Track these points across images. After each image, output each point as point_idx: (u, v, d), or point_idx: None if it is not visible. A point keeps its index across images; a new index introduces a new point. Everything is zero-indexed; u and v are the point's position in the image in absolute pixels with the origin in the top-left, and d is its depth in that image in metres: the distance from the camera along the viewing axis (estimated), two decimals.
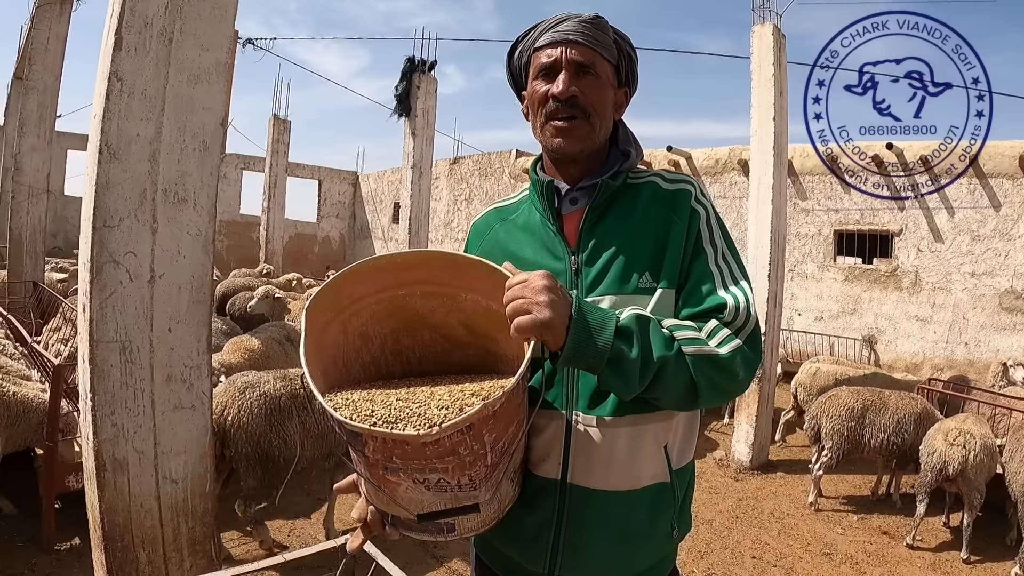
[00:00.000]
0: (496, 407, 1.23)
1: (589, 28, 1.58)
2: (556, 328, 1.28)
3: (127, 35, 2.85)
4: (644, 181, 1.66)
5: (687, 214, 1.57)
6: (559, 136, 1.58)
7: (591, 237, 1.59)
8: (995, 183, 12.08)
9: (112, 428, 2.81)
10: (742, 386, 1.49)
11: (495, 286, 1.38)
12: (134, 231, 2.82)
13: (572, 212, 1.65)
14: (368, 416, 1.25)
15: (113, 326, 2.78)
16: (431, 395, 1.33)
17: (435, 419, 1.21)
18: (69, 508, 4.65)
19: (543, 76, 1.60)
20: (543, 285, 1.29)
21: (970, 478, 5.63)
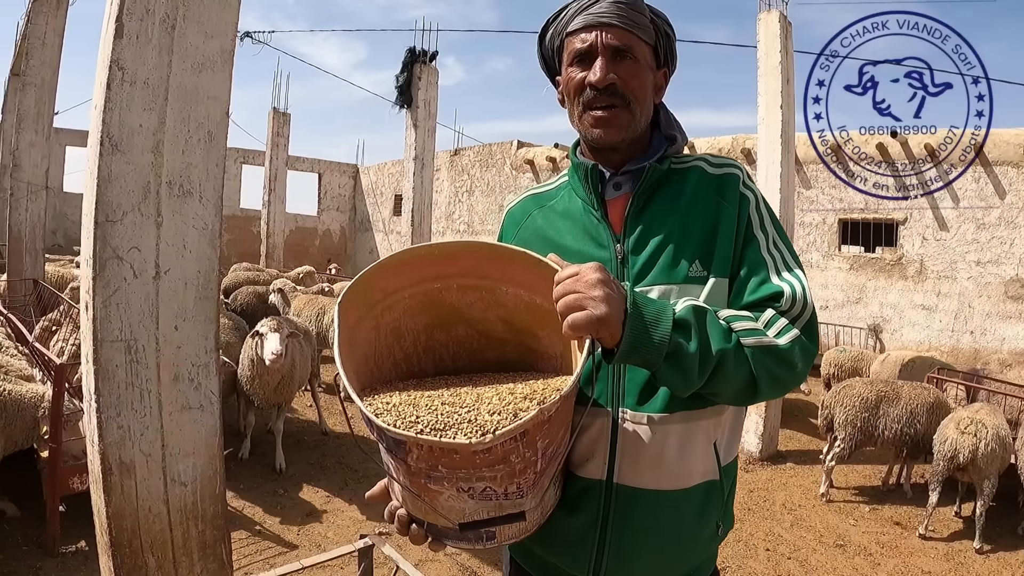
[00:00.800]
0: (552, 412, 1.15)
1: (624, 9, 1.49)
2: (613, 324, 1.21)
3: (128, 22, 2.75)
4: (689, 165, 1.58)
5: (736, 199, 1.50)
6: (598, 126, 1.51)
7: (637, 223, 1.52)
8: (1000, 171, 12.00)
9: (118, 430, 2.72)
10: (800, 378, 1.42)
11: (540, 279, 1.32)
12: (138, 225, 2.72)
13: (616, 198, 1.57)
14: (413, 423, 1.17)
15: (118, 325, 2.68)
16: (478, 398, 1.26)
17: (487, 426, 1.14)
18: (74, 510, 4.60)
19: (578, 62, 1.52)
20: (597, 279, 1.21)
21: (981, 467, 5.62)
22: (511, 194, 17.33)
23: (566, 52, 1.55)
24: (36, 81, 9.79)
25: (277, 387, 6.38)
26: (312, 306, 9.79)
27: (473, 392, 1.30)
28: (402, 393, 1.32)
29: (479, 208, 21.64)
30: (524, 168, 20.08)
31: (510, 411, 1.18)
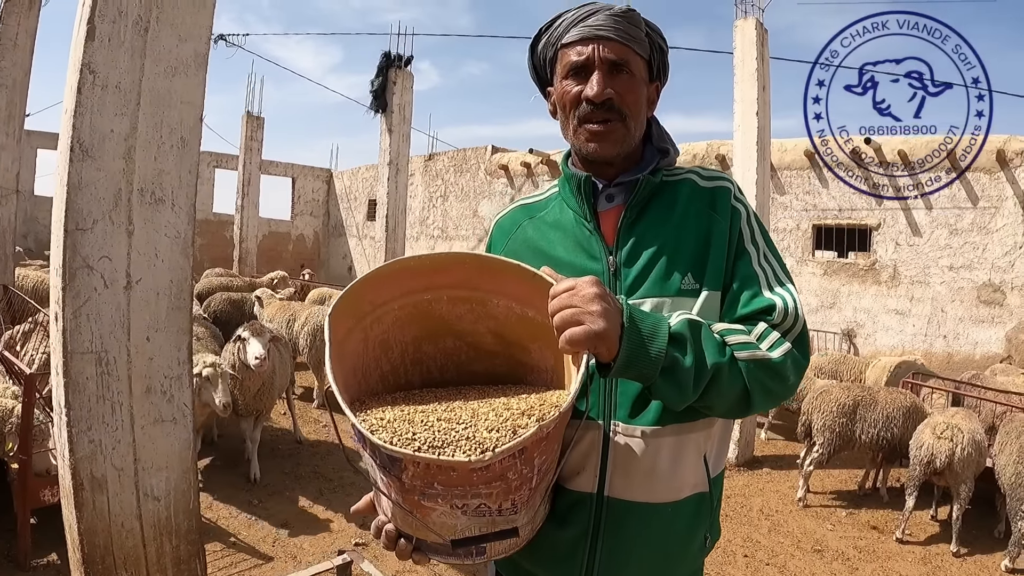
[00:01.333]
0: (551, 428, 1.15)
1: (622, 22, 1.48)
2: (610, 338, 1.20)
3: (100, 24, 2.69)
4: (681, 178, 1.58)
5: (728, 212, 1.51)
6: (594, 141, 1.50)
7: (630, 236, 1.51)
8: (973, 177, 12.15)
9: (89, 444, 2.66)
10: (792, 391, 1.43)
11: (533, 292, 1.32)
12: (109, 234, 2.66)
13: (609, 210, 1.56)
14: (410, 440, 1.14)
15: (88, 336, 2.62)
16: (474, 415, 1.23)
17: (486, 443, 1.12)
18: (45, 523, 4.50)
19: (574, 75, 1.50)
20: (594, 293, 1.21)
21: (957, 472, 5.69)
22: (486, 200, 17.37)
23: (560, 63, 1.54)
24: (7, 83, 9.60)
25: (257, 393, 6.35)
26: (284, 312, 9.68)
27: (467, 407, 1.28)
28: (394, 408, 1.29)
29: (453, 213, 21.57)
30: (498, 173, 20.05)
31: (508, 428, 1.17)
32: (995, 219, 12.00)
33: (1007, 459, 5.58)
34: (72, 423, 2.63)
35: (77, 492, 2.67)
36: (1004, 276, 11.94)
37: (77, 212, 2.60)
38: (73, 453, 2.64)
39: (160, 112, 2.79)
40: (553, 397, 1.30)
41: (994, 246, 12.01)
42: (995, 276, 12.00)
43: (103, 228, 2.64)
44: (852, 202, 13.61)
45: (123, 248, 2.68)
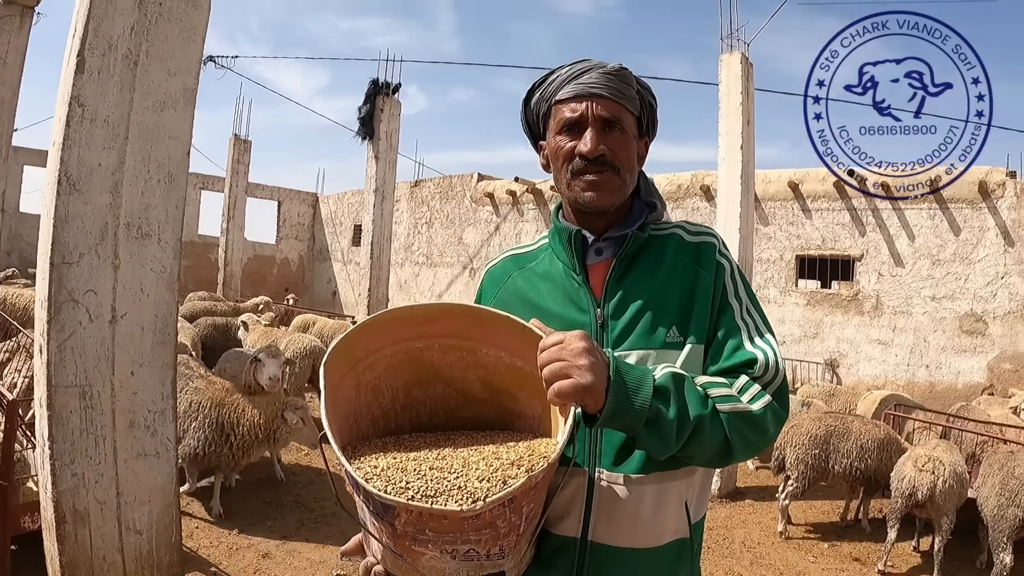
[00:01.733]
0: (539, 479, 1.19)
1: (614, 80, 1.53)
2: (597, 392, 1.24)
3: (90, 57, 2.70)
4: (668, 233, 1.63)
5: (713, 267, 1.55)
6: (591, 190, 1.53)
7: (618, 289, 1.55)
8: (955, 208, 12.32)
9: (72, 478, 2.64)
10: (771, 441, 1.47)
11: (522, 343, 1.36)
12: (95, 268, 2.66)
13: (598, 263, 1.60)
14: (403, 488, 1.18)
15: (72, 370, 2.61)
16: (465, 464, 1.27)
17: (477, 493, 1.16)
18: (25, 550, 4.42)
19: (567, 131, 1.54)
20: (583, 347, 1.25)
21: (939, 504, 5.69)
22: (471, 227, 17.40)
23: (554, 119, 1.58)
24: None
25: None
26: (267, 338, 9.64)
27: (458, 456, 1.31)
28: (387, 455, 1.32)
29: (438, 240, 21.58)
30: (484, 201, 20.10)
31: (498, 478, 1.20)
32: (977, 250, 12.15)
33: (989, 491, 5.63)
34: (55, 456, 2.61)
35: (59, 525, 2.65)
36: (986, 306, 12.07)
37: (63, 245, 2.60)
38: (56, 486, 2.62)
39: (148, 147, 2.80)
40: (541, 447, 1.33)
41: (976, 276, 12.16)
42: (977, 306, 12.14)
43: (89, 262, 2.65)
44: (835, 233, 13.75)
45: (109, 282, 2.68)
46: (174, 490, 2.90)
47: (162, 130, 2.83)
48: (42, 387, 2.62)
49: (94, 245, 2.66)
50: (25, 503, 4.39)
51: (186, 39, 2.90)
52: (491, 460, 1.27)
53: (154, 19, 2.80)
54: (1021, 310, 11.79)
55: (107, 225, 2.69)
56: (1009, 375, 11.63)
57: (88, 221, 2.66)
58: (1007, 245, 11.92)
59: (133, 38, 2.76)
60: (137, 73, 2.78)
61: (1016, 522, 5.42)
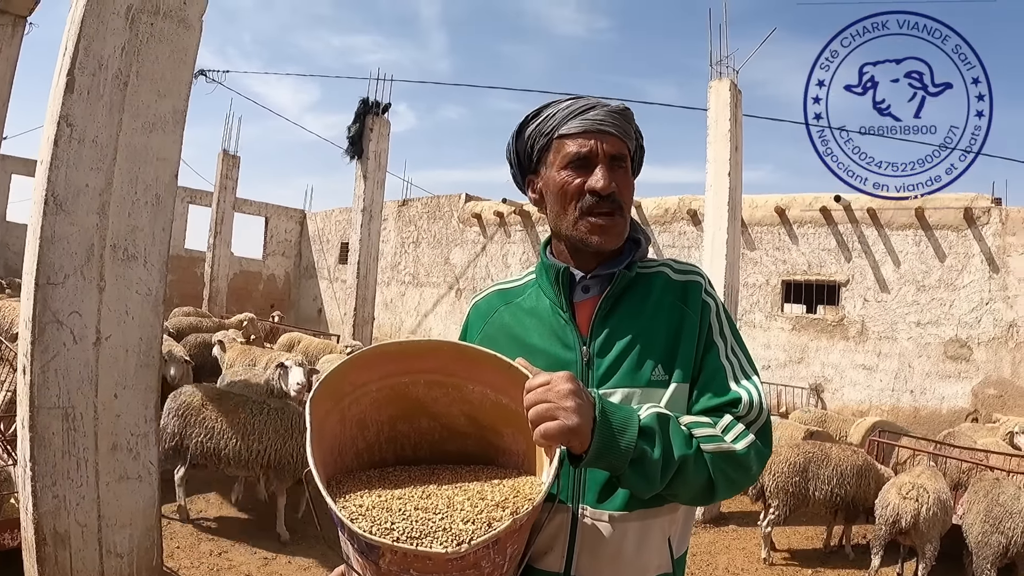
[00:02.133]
0: (524, 521, 1.20)
1: (619, 119, 1.55)
2: (583, 433, 1.25)
3: (80, 77, 2.69)
4: (654, 271, 1.63)
5: (699, 306, 1.56)
6: (599, 234, 1.53)
7: (604, 327, 1.55)
8: (940, 235, 12.42)
9: (53, 500, 2.62)
10: (753, 479, 1.49)
11: (509, 382, 1.37)
12: (80, 289, 2.64)
13: (584, 300, 1.61)
14: (388, 529, 1.17)
15: (56, 391, 2.59)
16: (450, 504, 1.27)
17: (462, 535, 1.15)
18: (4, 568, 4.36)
19: (574, 167, 1.54)
20: (569, 389, 1.25)
21: (923, 531, 5.73)
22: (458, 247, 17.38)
23: (557, 153, 1.57)
24: None
25: None
26: (245, 357, 9.67)
27: (443, 494, 1.31)
28: (371, 493, 1.32)
29: (425, 260, 21.56)
30: (471, 222, 20.11)
31: (483, 520, 1.20)
32: (962, 276, 12.24)
33: (974, 518, 5.68)
34: (37, 477, 2.59)
35: (40, 547, 2.62)
36: (971, 332, 12.14)
37: (49, 266, 2.59)
38: (37, 508, 2.60)
39: (136, 168, 2.79)
40: (526, 487, 1.34)
41: (961, 302, 12.24)
42: (962, 332, 12.21)
43: (74, 283, 2.63)
44: (821, 258, 13.82)
45: (94, 304, 2.66)
46: (156, 513, 2.87)
47: (150, 152, 2.82)
48: (25, 408, 2.59)
49: (80, 266, 2.64)
50: (5, 520, 4.33)
51: (177, 60, 2.90)
52: (476, 501, 1.27)
53: (145, 40, 2.80)
54: (1005, 336, 11.87)
55: (93, 246, 2.68)
56: (993, 400, 11.70)
57: (74, 242, 2.64)
58: (992, 271, 12.01)
59: (123, 58, 2.76)
60: (127, 94, 2.77)
61: (1000, 549, 5.47)
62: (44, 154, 2.69)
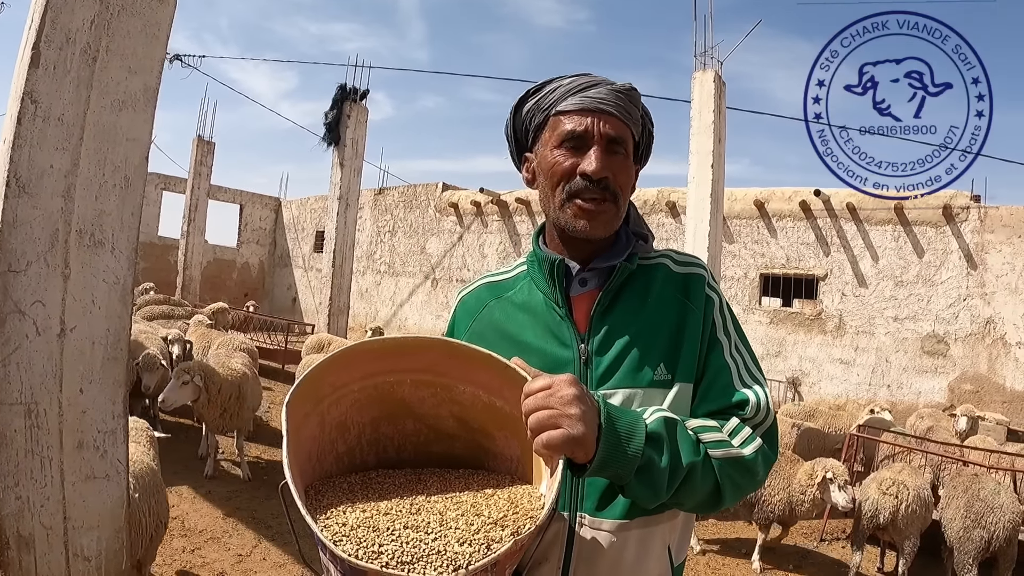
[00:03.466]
0: (526, 541, 1.11)
1: (623, 99, 1.45)
2: (588, 443, 1.17)
3: (46, 51, 2.54)
4: (654, 262, 1.55)
5: (702, 301, 1.49)
6: (584, 218, 1.43)
7: (603, 323, 1.46)
8: (919, 231, 12.50)
9: (16, 501, 2.48)
10: (759, 485, 1.42)
11: (503, 383, 1.29)
12: (43, 277, 2.49)
13: (582, 295, 1.51)
14: (377, 553, 1.06)
15: (17, 386, 2.45)
16: (443, 521, 1.16)
17: (458, 559, 1.06)
18: None
19: (567, 146, 1.44)
20: (573, 395, 1.16)
21: (901, 528, 5.75)
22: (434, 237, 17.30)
23: (551, 131, 1.47)
24: None
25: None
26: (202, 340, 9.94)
27: (433, 509, 1.22)
28: (355, 508, 1.20)
29: (401, 249, 21.45)
30: (448, 211, 20.03)
31: (481, 541, 1.11)
32: (940, 272, 12.34)
33: (954, 513, 5.69)
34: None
35: (3, 551, 2.51)
36: (948, 328, 12.24)
37: (10, 252, 2.44)
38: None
39: (104, 148, 2.64)
40: (524, 499, 1.26)
41: (938, 298, 12.35)
42: (939, 327, 12.32)
43: (37, 270, 2.48)
44: (800, 252, 13.87)
45: (58, 293, 2.52)
46: (124, 514, 2.74)
47: (120, 131, 2.67)
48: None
49: (43, 253, 2.49)
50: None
51: (149, 36, 2.74)
52: (472, 518, 1.18)
53: (116, 12, 2.64)
54: (982, 332, 11.97)
55: (58, 231, 2.53)
56: (970, 396, 11.80)
57: (37, 227, 2.49)
58: (970, 268, 12.11)
59: (93, 32, 2.60)
60: (95, 70, 2.62)
61: (982, 544, 5.51)
62: (7, 133, 2.54)
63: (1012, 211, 11.93)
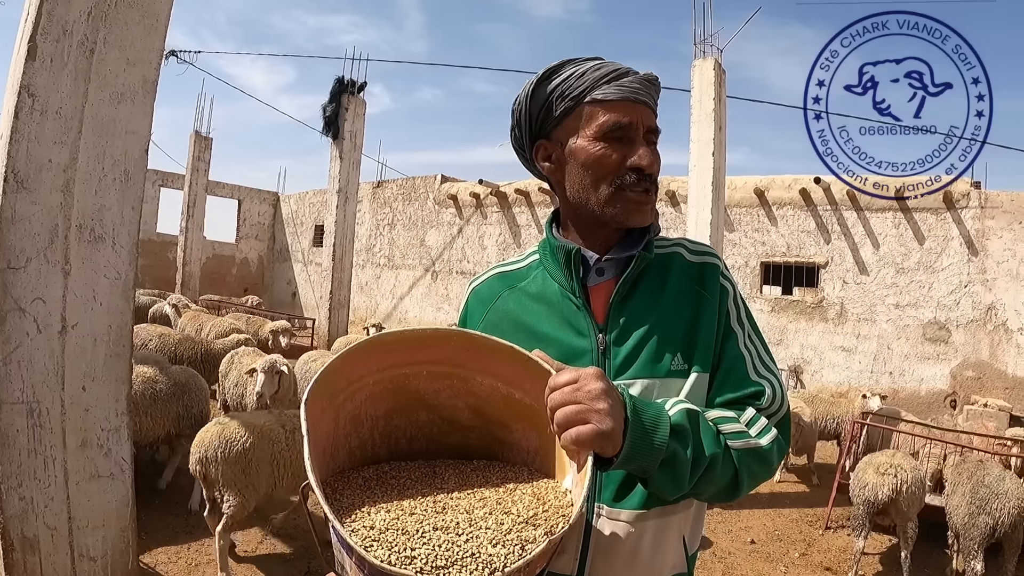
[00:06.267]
0: (558, 540, 1.09)
1: (653, 90, 1.46)
2: (616, 438, 1.14)
3: (43, 43, 2.50)
4: (668, 251, 1.55)
5: (717, 291, 1.49)
6: (636, 212, 1.44)
7: (621, 313, 1.46)
8: (920, 217, 12.46)
9: (20, 502, 2.46)
10: (772, 475, 1.46)
11: (523, 375, 1.27)
12: (43, 273, 2.46)
13: (599, 284, 1.50)
14: (409, 558, 1.03)
15: (19, 385, 2.42)
16: (471, 521, 1.13)
17: (494, 561, 1.03)
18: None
19: (613, 137, 1.41)
20: (600, 389, 1.14)
21: (902, 509, 5.77)
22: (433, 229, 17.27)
23: (589, 120, 1.43)
24: None
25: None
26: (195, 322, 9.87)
27: (459, 507, 1.19)
28: (378, 509, 1.17)
29: (400, 242, 21.43)
30: (447, 203, 19.99)
31: (513, 541, 1.08)
32: (941, 258, 12.30)
33: (960, 499, 5.67)
34: (1, 479, 2.42)
35: (7, 553, 2.48)
36: (949, 314, 12.22)
37: (9, 249, 2.40)
38: (2, 511, 2.45)
39: (103, 142, 2.60)
40: (549, 494, 1.24)
41: (940, 285, 12.32)
42: (940, 314, 12.30)
43: (37, 267, 2.45)
44: (800, 240, 13.84)
45: (58, 289, 2.49)
46: (130, 513, 2.71)
47: (119, 124, 2.63)
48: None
49: (43, 249, 2.46)
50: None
51: (148, 27, 2.70)
52: (501, 516, 1.15)
53: (113, 3, 2.60)
54: (984, 318, 11.95)
55: (57, 227, 2.49)
56: (972, 382, 11.80)
57: (36, 222, 2.46)
58: (971, 254, 12.08)
59: (90, 23, 2.56)
60: (93, 62, 2.58)
61: (987, 530, 5.50)
62: (3, 127, 2.50)
63: (1013, 197, 11.90)
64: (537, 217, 17.72)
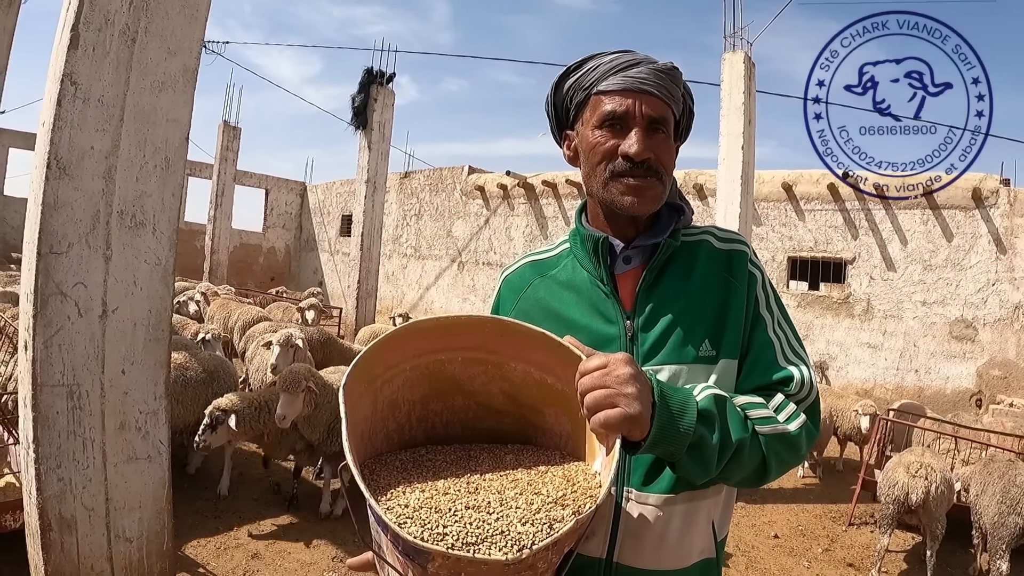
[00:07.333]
0: (586, 521, 1.10)
1: (664, 79, 1.45)
2: (644, 421, 1.17)
3: (85, 32, 2.53)
4: (697, 239, 1.56)
5: (745, 278, 1.50)
6: (631, 195, 1.44)
7: (648, 300, 1.48)
8: (948, 214, 12.34)
9: (58, 483, 2.50)
10: (801, 460, 1.48)
11: (555, 361, 1.30)
12: (85, 259, 2.50)
13: (626, 272, 1.53)
14: (441, 535, 1.06)
15: (60, 368, 2.46)
16: (502, 501, 1.16)
17: (522, 539, 1.06)
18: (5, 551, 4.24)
19: (608, 126, 1.45)
20: (629, 374, 1.17)
21: (931, 509, 5.71)
22: (460, 220, 17.29)
23: (592, 110, 1.48)
24: None
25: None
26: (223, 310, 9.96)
27: (491, 488, 1.22)
28: (412, 488, 1.21)
29: (427, 232, 21.49)
30: (474, 194, 20.01)
31: (543, 521, 1.11)
32: (969, 256, 12.18)
33: (989, 499, 5.61)
34: (40, 460, 2.47)
35: (44, 533, 2.52)
36: (976, 312, 12.10)
37: (52, 234, 2.44)
38: (41, 492, 2.48)
39: (144, 129, 2.64)
40: (579, 476, 1.26)
41: (967, 282, 12.20)
42: (967, 312, 12.18)
43: (79, 252, 2.49)
44: (828, 235, 13.75)
45: (99, 274, 2.53)
46: (166, 495, 2.75)
47: (159, 112, 2.67)
48: (27, 386, 2.46)
49: (84, 234, 2.50)
50: (7, 501, 4.21)
51: (188, 16, 2.74)
52: (531, 497, 1.18)
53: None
54: (1011, 317, 11.83)
55: (99, 213, 2.53)
56: (998, 381, 11.68)
57: (78, 208, 2.50)
58: (999, 252, 11.95)
59: (131, 13, 2.59)
60: (135, 51, 2.62)
61: (1016, 530, 5.44)
62: (46, 115, 2.54)
63: None
64: (564, 209, 17.72)
